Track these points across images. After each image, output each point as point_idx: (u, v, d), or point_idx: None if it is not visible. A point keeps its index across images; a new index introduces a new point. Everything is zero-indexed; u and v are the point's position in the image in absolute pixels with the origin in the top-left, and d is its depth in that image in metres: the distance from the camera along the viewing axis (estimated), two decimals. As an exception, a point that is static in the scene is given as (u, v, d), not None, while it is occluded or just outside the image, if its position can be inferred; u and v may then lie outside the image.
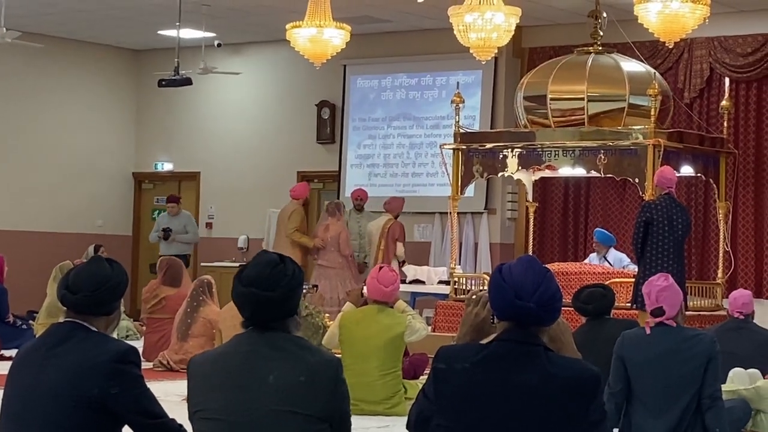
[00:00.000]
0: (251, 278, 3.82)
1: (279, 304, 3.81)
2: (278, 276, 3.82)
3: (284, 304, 3.83)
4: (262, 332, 3.84)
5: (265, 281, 3.80)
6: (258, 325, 3.85)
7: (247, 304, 3.83)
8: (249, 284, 3.81)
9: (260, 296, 3.79)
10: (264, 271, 3.82)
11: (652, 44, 14.73)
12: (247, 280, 3.83)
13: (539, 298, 3.51)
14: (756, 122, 15.17)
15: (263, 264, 3.86)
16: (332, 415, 3.80)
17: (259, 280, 3.81)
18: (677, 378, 6.31)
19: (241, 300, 3.84)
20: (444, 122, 16.52)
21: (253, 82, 18.60)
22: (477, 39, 12.42)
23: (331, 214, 15.37)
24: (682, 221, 11.08)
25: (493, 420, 3.49)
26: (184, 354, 11.04)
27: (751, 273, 15.05)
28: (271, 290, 3.79)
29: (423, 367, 9.45)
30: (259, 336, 3.84)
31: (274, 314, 3.82)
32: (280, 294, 3.80)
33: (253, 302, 3.81)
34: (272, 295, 3.79)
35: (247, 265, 3.91)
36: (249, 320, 3.86)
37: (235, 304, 3.90)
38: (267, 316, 3.83)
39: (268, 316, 3.82)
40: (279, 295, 3.80)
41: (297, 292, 3.87)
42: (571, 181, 15.95)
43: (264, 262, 3.87)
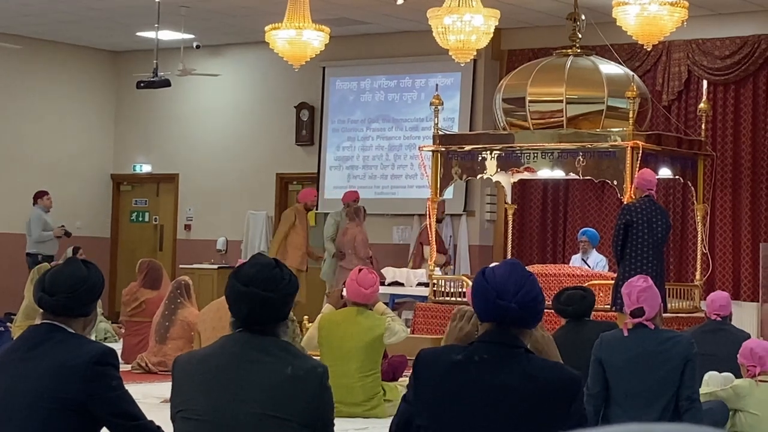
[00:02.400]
0: (251, 277, 3.81)
1: (277, 306, 3.81)
2: (277, 278, 3.83)
3: (281, 307, 3.83)
4: (251, 335, 3.83)
5: (265, 282, 3.80)
6: (249, 327, 3.83)
7: (245, 304, 3.81)
8: (249, 283, 3.80)
9: (260, 296, 3.78)
10: (263, 272, 3.82)
11: (630, 47, 14.77)
12: (246, 279, 3.82)
13: (521, 298, 3.53)
14: (733, 125, 15.23)
15: (261, 265, 3.86)
16: (315, 421, 3.79)
17: (258, 280, 3.80)
18: (655, 380, 6.32)
19: (239, 299, 3.82)
20: (423, 124, 16.53)
21: (231, 83, 18.57)
22: (456, 41, 12.43)
23: (350, 218, 15.45)
24: (662, 223, 11.10)
25: (472, 420, 3.51)
26: (162, 356, 11.01)
27: (728, 275, 15.10)
28: (271, 291, 3.79)
29: (402, 369, 9.44)
30: (247, 338, 3.83)
31: (270, 316, 3.82)
32: (279, 296, 3.81)
33: (252, 301, 3.79)
34: (272, 296, 3.79)
35: (243, 265, 3.90)
36: (243, 321, 3.84)
37: (230, 303, 3.87)
38: (263, 318, 3.82)
39: (265, 317, 3.82)
40: (278, 297, 3.80)
41: (293, 297, 3.88)
42: (550, 183, 15.98)
43: (262, 263, 3.88)
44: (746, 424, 7.64)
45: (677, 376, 6.31)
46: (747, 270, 15.02)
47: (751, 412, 7.64)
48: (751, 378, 7.69)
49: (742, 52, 15.10)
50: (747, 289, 14.96)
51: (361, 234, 15.32)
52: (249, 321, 3.83)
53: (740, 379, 7.74)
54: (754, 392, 7.65)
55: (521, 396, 3.49)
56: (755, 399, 7.64)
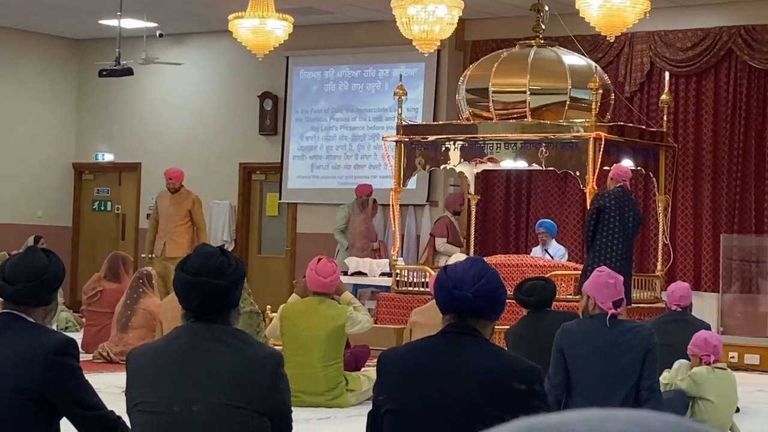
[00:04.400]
0: (198, 267, 3.81)
1: (226, 293, 3.81)
2: (224, 265, 3.83)
3: (230, 294, 3.83)
4: (204, 324, 3.83)
5: (213, 270, 3.80)
6: (200, 316, 3.83)
7: (194, 294, 3.81)
8: (197, 273, 3.80)
9: (209, 284, 3.78)
10: (210, 261, 3.83)
11: (593, 38, 14.83)
12: (194, 269, 3.82)
13: (478, 289, 3.58)
14: (695, 116, 15.31)
15: (207, 254, 3.86)
16: (272, 409, 3.80)
17: (206, 269, 3.80)
18: (616, 370, 6.36)
19: (188, 289, 3.82)
20: (387, 114, 16.53)
21: (195, 72, 18.51)
22: (420, 31, 12.44)
23: (358, 210, 15.54)
24: (634, 215, 11.15)
25: (433, 401, 3.57)
26: (124, 346, 10.98)
27: (689, 266, 15.20)
28: (219, 278, 3.79)
29: (365, 359, 9.46)
30: (200, 328, 3.83)
31: (220, 304, 3.82)
32: (227, 283, 3.80)
33: (201, 291, 3.79)
34: (220, 284, 3.79)
35: (189, 256, 3.90)
36: (194, 311, 3.84)
37: (179, 295, 3.88)
38: (213, 306, 3.82)
39: (215, 305, 3.82)
40: (226, 284, 3.80)
41: (241, 282, 3.87)
42: (513, 173, 16.02)
43: (208, 252, 3.88)
44: (704, 411, 7.72)
45: (638, 367, 6.35)
46: (708, 261, 15.12)
47: (708, 400, 7.72)
48: (706, 366, 7.78)
49: (704, 43, 15.18)
50: (707, 280, 15.06)
51: (361, 225, 15.37)
52: (200, 311, 3.83)
53: (698, 367, 7.81)
54: (711, 379, 7.73)
55: (480, 379, 3.55)
56: (712, 386, 7.72)
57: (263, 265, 17.78)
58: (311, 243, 16.92)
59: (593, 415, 0.88)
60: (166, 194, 14.85)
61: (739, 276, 14.65)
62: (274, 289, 16.93)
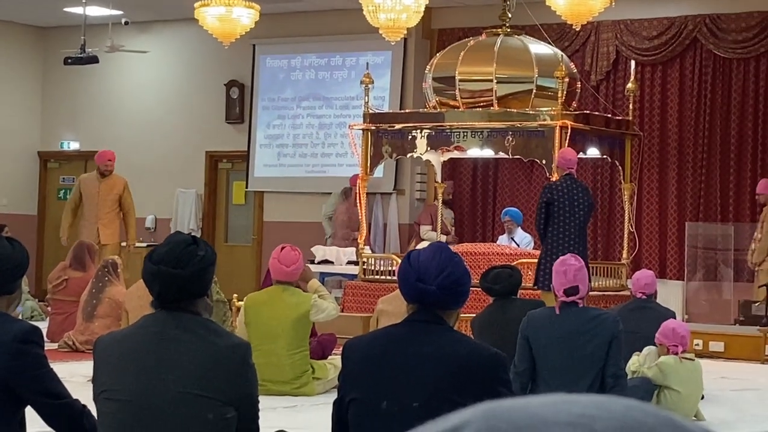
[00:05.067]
0: (161, 256, 3.81)
1: (188, 282, 3.80)
2: (190, 255, 3.81)
3: (194, 283, 3.82)
4: (171, 313, 3.82)
5: (176, 259, 3.79)
6: (166, 305, 3.83)
7: (156, 282, 3.81)
8: (159, 262, 3.80)
9: (170, 274, 3.77)
10: (175, 250, 3.82)
11: (559, 26, 14.86)
12: (157, 258, 3.82)
13: (442, 281, 3.59)
14: (660, 105, 15.38)
15: (174, 243, 3.85)
16: (239, 399, 3.79)
17: (169, 258, 3.79)
18: (581, 357, 6.39)
19: (150, 278, 3.82)
20: (353, 103, 16.52)
21: (161, 60, 18.44)
22: (386, 20, 12.44)
23: (342, 198, 15.54)
24: (584, 202, 11.16)
25: (397, 388, 3.58)
26: (89, 335, 10.94)
27: (655, 253, 15.28)
28: (181, 268, 3.78)
29: (331, 347, 9.46)
30: (167, 317, 3.83)
31: (182, 293, 3.81)
32: (190, 272, 3.79)
33: (162, 280, 3.79)
34: (182, 273, 3.78)
35: (159, 245, 3.91)
36: (157, 299, 3.84)
37: (145, 283, 3.88)
38: (176, 295, 3.81)
39: (177, 294, 3.81)
40: (188, 274, 3.79)
41: (208, 271, 3.86)
42: (480, 162, 16.05)
43: (176, 241, 3.87)
44: (670, 401, 7.77)
45: (603, 354, 6.38)
46: (673, 249, 15.21)
47: (674, 389, 7.77)
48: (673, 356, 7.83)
49: (670, 32, 15.25)
50: (673, 268, 15.15)
51: (344, 214, 15.40)
52: (162, 299, 3.83)
53: (665, 356, 7.86)
54: (678, 370, 7.78)
55: (444, 366, 3.57)
56: (679, 376, 7.77)
57: (230, 253, 17.75)
58: (278, 232, 16.90)
59: (554, 399, 0.90)
60: (94, 178, 14.30)
61: (703, 264, 14.75)
62: (240, 278, 16.91)
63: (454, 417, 0.89)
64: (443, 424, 0.89)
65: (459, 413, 0.90)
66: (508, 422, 0.87)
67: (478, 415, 0.89)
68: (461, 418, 0.89)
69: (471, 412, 0.89)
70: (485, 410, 0.89)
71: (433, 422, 0.91)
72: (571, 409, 0.88)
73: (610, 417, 0.87)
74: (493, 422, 0.87)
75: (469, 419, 0.88)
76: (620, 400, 0.90)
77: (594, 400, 0.90)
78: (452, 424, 0.89)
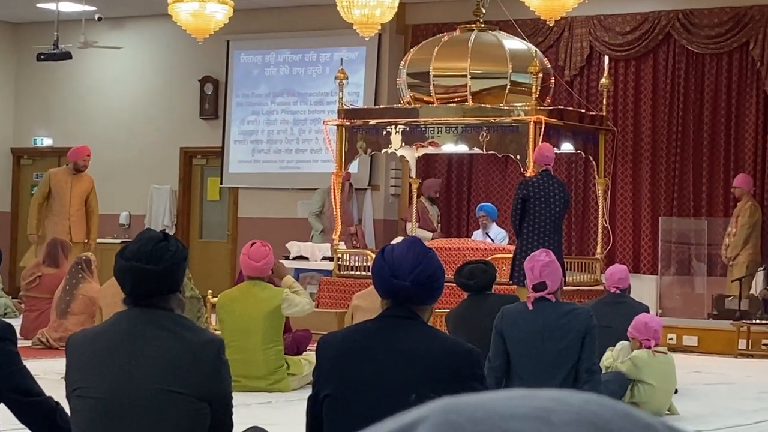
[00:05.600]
0: (133, 252, 3.81)
1: (160, 278, 3.79)
2: (161, 251, 3.81)
3: (166, 279, 3.81)
4: (143, 310, 3.82)
5: (147, 255, 3.78)
6: (139, 301, 3.82)
7: (127, 279, 3.80)
8: (130, 258, 3.80)
9: (142, 270, 3.76)
10: (146, 246, 3.81)
11: (533, 22, 14.89)
12: (129, 254, 3.81)
13: (416, 277, 3.59)
14: (634, 100, 15.43)
15: (146, 239, 3.85)
16: (212, 395, 3.79)
17: (140, 254, 3.79)
18: (555, 352, 6.41)
19: (122, 274, 3.82)
20: (328, 98, 16.51)
21: (134, 56, 18.38)
22: (360, 15, 12.44)
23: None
24: (560, 198, 11.19)
25: (372, 383, 3.59)
26: (63, 332, 10.90)
27: (629, 248, 15.33)
28: (153, 264, 3.77)
29: (306, 343, 9.46)
30: (139, 313, 3.82)
31: (155, 289, 3.80)
32: (162, 268, 3.79)
33: (134, 276, 3.78)
34: (154, 269, 3.77)
35: (130, 241, 3.90)
36: (129, 296, 3.84)
37: (117, 280, 3.87)
38: (148, 291, 3.80)
39: (149, 291, 3.80)
40: (161, 270, 3.78)
41: (180, 267, 3.85)
42: (454, 157, 16.07)
43: (147, 237, 3.87)
44: (644, 394, 7.81)
45: (577, 349, 6.41)
46: (647, 243, 15.26)
47: (648, 383, 7.81)
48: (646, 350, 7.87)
49: (643, 28, 15.30)
50: (646, 262, 15.20)
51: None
52: (135, 296, 3.82)
53: (639, 351, 7.90)
54: (652, 363, 7.82)
55: (419, 362, 3.57)
56: (652, 370, 7.80)
57: (204, 250, 17.72)
58: (253, 228, 16.89)
59: (512, 394, 0.91)
60: (66, 173, 14.08)
61: (677, 258, 14.81)
62: (215, 275, 16.89)
63: (414, 413, 0.90)
64: (402, 420, 0.90)
65: (418, 409, 0.91)
66: (465, 417, 0.88)
67: (437, 410, 0.90)
68: (420, 414, 0.90)
69: (430, 408, 0.90)
70: (444, 405, 0.90)
71: (392, 418, 0.91)
72: (528, 403, 0.89)
73: (567, 410, 0.88)
74: (451, 417, 0.88)
75: (427, 414, 0.89)
76: (578, 394, 0.91)
77: (552, 394, 0.91)
78: (411, 419, 0.89)
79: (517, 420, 0.87)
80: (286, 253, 14.67)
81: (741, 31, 14.78)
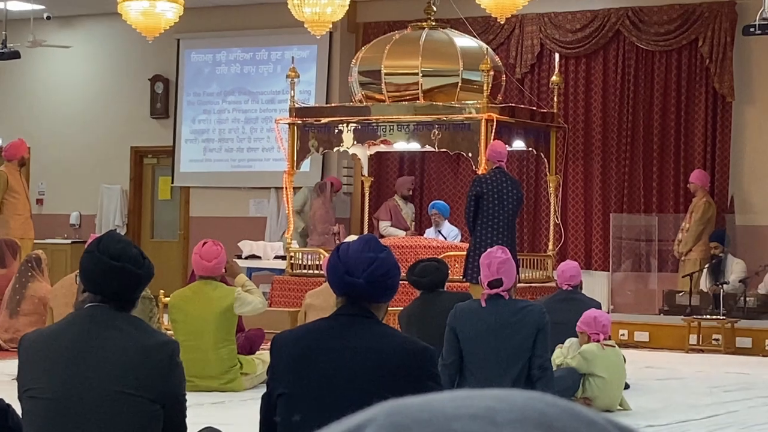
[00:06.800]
0: (119, 252, 3.76)
1: (144, 283, 3.79)
2: (141, 255, 3.81)
3: (145, 284, 3.81)
4: (102, 311, 3.79)
5: (134, 258, 3.76)
6: (109, 302, 3.78)
7: (115, 279, 3.75)
8: (119, 258, 3.75)
9: (133, 272, 3.74)
10: (130, 249, 3.79)
11: (484, 20, 14.93)
12: (116, 254, 3.75)
13: (370, 275, 3.59)
14: (585, 97, 15.51)
15: (126, 242, 3.84)
16: (166, 396, 3.77)
17: (128, 256, 3.76)
18: (508, 349, 6.43)
19: (108, 274, 3.75)
20: (279, 97, 16.48)
21: (84, 56, 18.26)
22: (312, 13, 12.43)
23: (316, 194, 15.34)
24: (513, 195, 11.23)
25: (325, 382, 3.59)
26: (14, 332, 10.82)
27: (580, 245, 15.40)
28: (139, 268, 3.76)
29: (259, 342, 9.44)
30: (96, 314, 3.79)
31: (136, 292, 3.80)
32: (146, 273, 3.79)
33: (123, 277, 3.74)
34: (140, 273, 3.76)
35: (102, 239, 3.83)
36: (107, 296, 3.78)
37: (93, 279, 3.80)
38: (129, 293, 3.79)
39: (130, 293, 3.79)
40: (145, 274, 3.78)
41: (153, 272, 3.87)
42: (406, 155, 16.08)
43: (125, 240, 3.88)
44: (596, 387, 7.85)
45: (529, 345, 6.43)
46: (598, 240, 15.34)
47: (599, 376, 7.85)
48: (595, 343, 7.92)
49: (593, 25, 15.37)
50: (598, 259, 15.28)
51: (321, 209, 15.26)
52: (113, 297, 3.78)
53: (587, 344, 7.94)
54: (601, 356, 7.87)
55: (373, 360, 3.58)
56: (603, 362, 7.85)
57: (156, 249, 17.62)
58: (204, 227, 16.83)
59: (457, 395, 0.91)
60: (15, 171, 13.73)
61: (628, 254, 14.90)
62: (167, 274, 16.79)
63: (359, 415, 0.90)
64: (348, 423, 0.90)
65: (364, 411, 0.91)
66: (411, 418, 0.88)
67: (382, 412, 0.90)
68: (366, 416, 0.90)
69: (375, 410, 0.91)
70: (389, 407, 0.90)
71: (338, 422, 0.91)
72: (473, 403, 0.90)
73: (511, 409, 0.89)
74: (397, 419, 0.88)
75: (373, 416, 0.89)
76: (523, 393, 0.92)
77: (496, 393, 0.92)
78: (357, 422, 0.90)
79: (463, 420, 0.87)
80: (238, 252, 14.64)
81: (690, 29, 14.89)
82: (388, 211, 15.57)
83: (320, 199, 15.34)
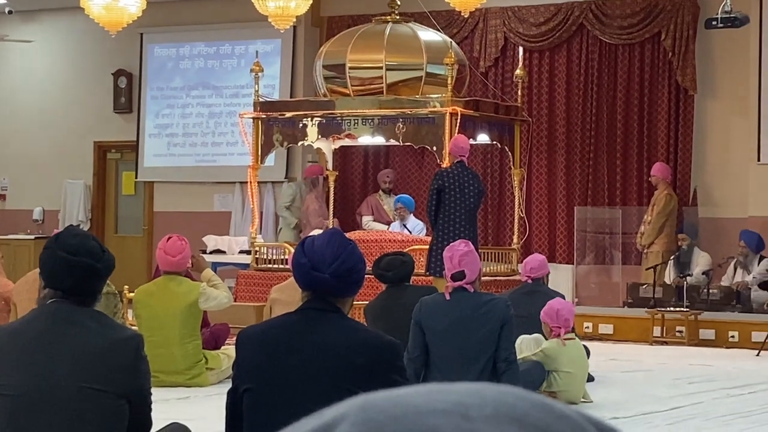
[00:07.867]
0: (77, 247, 3.74)
1: (103, 276, 3.78)
2: (99, 249, 3.79)
3: (105, 278, 3.79)
4: (66, 306, 3.77)
5: (91, 252, 3.75)
6: (70, 297, 3.77)
7: (72, 274, 3.73)
8: (77, 253, 3.73)
9: (90, 266, 3.73)
10: (87, 242, 3.78)
11: (448, 14, 14.94)
12: (73, 248, 3.74)
13: (336, 270, 3.59)
14: (548, 90, 15.55)
15: (83, 236, 3.82)
16: (131, 392, 3.77)
17: (85, 250, 3.75)
18: (473, 342, 6.45)
19: (66, 269, 3.73)
20: (243, 91, 16.44)
21: (46, 50, 18.16)
22: (275, 7, 12.41)
23: (309, 188, 15.33)
24: (474, 188, 11.24)
25: (292, 377, 3.60)
26: (-23, 330, 10.74)
27: (545, 238, 15.45)
28: (98, 261, 3.75)
29: (224, 337, 9.43)
30: (59, 309, 3.78)
31: (96, 286, 3.79)
32: (104, 266, 3.78)
33: (83, 271, 3.73)
34: (99, 267, 3.75)
35: (61, 235, 3.82)
36: (67, 291, 3.77)
37: (51, 274, 3.79)
38: (88, 288, 3.77)
39: (90, 287, 3.77)
40: (103, 267, 3.78)
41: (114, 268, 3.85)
42: (371, 149, 16.08)
43: (82, 233, 3.87)
44: (562, 382, 7.87)
45: (495, 338, 6.45)
46: (562, 233, 15.39)
47: (564, 371, 7.87)
48: (555, 338, 7.92)
49: (557, 19, 15.41)
50: (562, 252, 15.33)
51: (314, 203, 15.24)
52: (73, 291, 3.77)
53: (547, 342, 7.96)
54: (564, 352, 7.88)
55: (339, 354, 3.58)
56: (566, 358, 7.87)
57: (120, 244, 17.55)
58: (169, 221, 16.77)
59: (430, 389, 0.91)
60: None
61: (592, 247, 14.96)
62: (131, 269, 16.74)
63: (330, 411, 0.90)
64: (320, 419, 0.90)
65: (335, 407, 0.91)
66: (385, 414, 0.88)
67: (355, 407, 0.90)
68: (337, 413, 0.90)
69: (347, 406, 0.91)
70: (361, 403, 0.90)
71: (309, 417, 0.91)
72: (446, 398, 0.90)
73: (484, 403, 0.89)
74: (371, 414, 0.89)
75: (346, 412, 0.89)
76: (495, 387, 0.93)
77: (468, 387, 0.92)
78: (330, 418, 0.89)
79: (436, 415, 0.88)
80: (203, 247, 14.60)
81: (653, 22, 14.96)
82: (369, 206, 15.58)
83: (313, 194, 15.36)
